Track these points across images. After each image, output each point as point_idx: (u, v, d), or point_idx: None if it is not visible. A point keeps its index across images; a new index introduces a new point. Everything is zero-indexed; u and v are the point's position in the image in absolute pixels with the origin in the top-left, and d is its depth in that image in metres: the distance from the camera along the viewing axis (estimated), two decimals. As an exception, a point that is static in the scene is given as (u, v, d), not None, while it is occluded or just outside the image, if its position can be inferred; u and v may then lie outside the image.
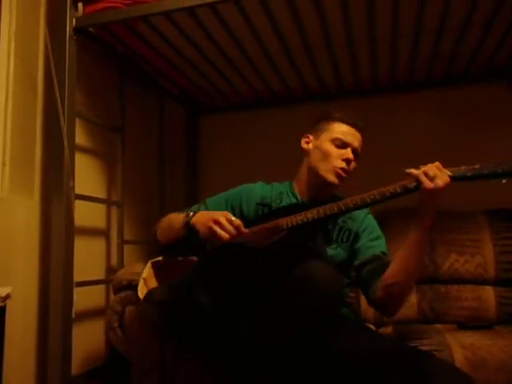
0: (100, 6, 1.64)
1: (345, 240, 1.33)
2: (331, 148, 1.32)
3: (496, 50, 1.99)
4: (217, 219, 1.15)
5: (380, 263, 1.25)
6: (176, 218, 1.30)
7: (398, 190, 1.15)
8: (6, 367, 1.49)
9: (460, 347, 1.34)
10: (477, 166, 1.14)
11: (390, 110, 2.37)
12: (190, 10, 1.62)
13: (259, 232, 1.24)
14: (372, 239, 1.32)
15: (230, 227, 1.14)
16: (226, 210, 1.37)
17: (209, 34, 1.81)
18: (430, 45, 1.94)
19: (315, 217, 1.19)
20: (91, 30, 1.76)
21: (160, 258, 1.42)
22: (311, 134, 1.40)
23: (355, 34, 1.83)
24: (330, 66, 2.14)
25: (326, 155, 1.32)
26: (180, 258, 1.38)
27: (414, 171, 1.13)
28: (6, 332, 1.50)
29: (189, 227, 1.22)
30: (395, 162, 2.34)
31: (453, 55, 2.05)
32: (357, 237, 1.33)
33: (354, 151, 1.33)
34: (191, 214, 1.25)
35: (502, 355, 1.31)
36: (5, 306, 1.50)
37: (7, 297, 1.51)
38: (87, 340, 1.83)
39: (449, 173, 1.13)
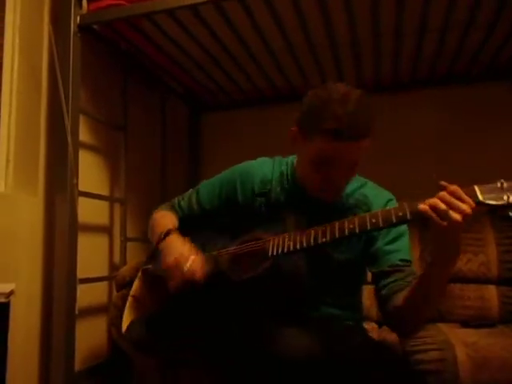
0: (104, 3, 1.65)
1: (355, 240, 1.11)
2: (310, 167, 1.04)
3: (499, 49, 1.99)
4: (177, 263, 1.01)
5: (398, 277, 1.06)
6: (158, 225, 1.19)
7: (408, 217, 0.90)
8: (9, 362, 1.49)
9: (463, 346, 1.34)
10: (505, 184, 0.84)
11: (392, 108, 2.37)
12: (194, 8, 1.62)
13: (242, 255, 1.09)
14: (390, 241, 1.10)
15: (184, 281, 1.00)
16: (219, 200, 1.22)
17: (212, 32, 1.81)
18: (434, 43, 1.93)
19: (304, 245, 0.99)
20: (95, 27, 1.76)
21: (150, 266, 1.32)
22: (298, 128, 1.07)
23: (358, 32, 1.83)
24: (333, 64, 2.13)
25: (306, 170, 1.07)
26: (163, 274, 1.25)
27: (422, 207, 0.87)
28: (9, 328, 1.50)
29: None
30: (398, 161, 2.38)
31: (456, 54, 2.04)
32: (371, 236, 1.10)
33: (351, 164, 1.03)
34: (162, 236, 1.11)
35: (505, 354, 1.31)
36: (9, 302, 1.51)
37: (11, 293, 1.52)
38: (90, 336, 1.84)
39: (478, 195, 0.85)
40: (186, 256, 1.02)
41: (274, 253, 1.02)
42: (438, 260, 0.92)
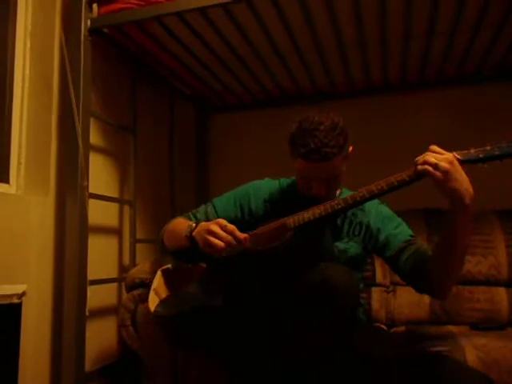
0: (114, 6, 1.66)
1: (356, 233, 1.29)
2: (301, 181, 1.25)
3: (508, 50, 1.98)
4: (210, 229, 1.10)
5: (414, 248, 1.21)
6: (180, 226, 1.26)
7: (406, 179, 1.08)
8: (21, 362, 1.51)
9: (473, 348, 1.33)
10: (488, 147, 1.10)
11: (401, 109, 2.37)
12: (203, 11, 1.63)
13: (265, 233, 1.21)
14: (396, 227, 1.28)
15: (223, 234, 1.08)
16: (235, 209, 1.35)
17: (221, 34, 1.82)
18: (442, 45, 1.93)
19: (323, 213, 1.14)
20: (105, 30, 1.78)
21: (169, 266, 1.41)
22: (289, 149, 1.26)
23: (366, 33, 1.83)
24: (341, 66, 2.14)
25: (299, 184, 1.27)
26: (189, 265, 1.36)
27: (418, 167, 1.06)
28: (21, 328, 1.52)
29: (192, 239, 1.17)
30: (406, 161, 2.36)
31: (464, 55, 2.03)
32: (372, 230, 1.28)
33: (328, 180, 1.21)
34: (194, 225, 1.19)
35: (515, 357, 1.30)
36: (21, 303, 1.52)
37: (23, 294, 1.53)
38: (100, 337, 1.85)
39: (457, 156, 1.07)
40: (221, 222, 1.13)
41: (296, 224, 1.16)
42: (452, 206, 1.06)
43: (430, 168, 1.03)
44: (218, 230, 1.09)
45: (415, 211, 2.00)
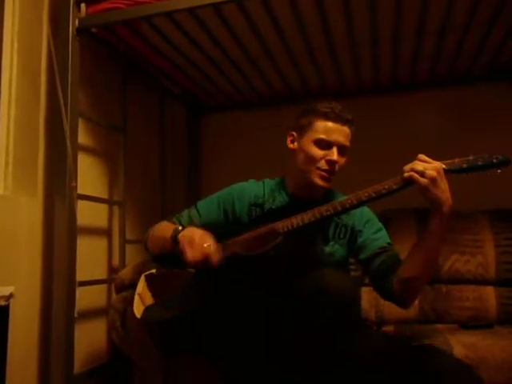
0: (103, 6, 1.65)
1: (342, 236, 1.31)
2: (314, 150, 1.25)
3: (498, 50, 2.00)
4: (192, 238, 1.14)
5: (389, 254, 1.23)
6: (165, 229, 1.26)
7: (394, 187, 1.12)
8: (9, 365, 1.49)
9: (461, 346, 1.34)
10: (471, 158, 1.13)
11: (391, 110, 2.38)
12: (192, 11, 1.63)
13: (254, 238, 1.21)
14: (375, 231, 1.30)
15: (199, 251, 1.12)
16: (218, 212, 1.34)
17: (211, 34, 1.82)
18: (432, 45, 1.94)
19: (312, 219, 1.16)
20: (94, 30, 1.77)
21: (153, 271, 1.39)
22: (295, 131, 1.32)
23: (357, 34, 1.83)
24: (332, 66, 2.14)
25: (309, 157, 1.25)
26: (175, 270, 1.35)
27: (405, 174, 1.10)
28: (9, 330, 1.50)
29: (177, 242, 1.19)
30: (397, 162, 2.37)
31: (455, 55, 2.05)
32: (355, 232, 1.30)
33: (342, 148, 1.25)
34: (180, 228, 1.21)
35: (503, 355, 1.31)
36: (8, 305, 1.51)
37: (10, 296, 1.52)
38: (89, 339, 1.84)
39: (443, 166, 1.10)
40: (206, 237, 1.15)
41: (285, 229, 1.17)
42: (435, 210, 1.10)
43: (417, 175, 1.08)
44: (199, 244, 1.12)
45: (406, 210, 2.01)
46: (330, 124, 1.23)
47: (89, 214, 1.83)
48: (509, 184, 2.14)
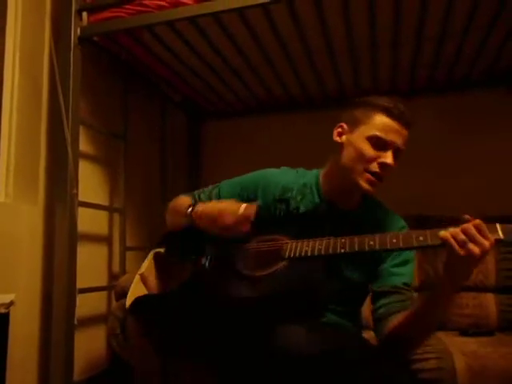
0: (104, 15, 1.67)
1: (366, 257, 1.13)
2: (367, 147, 1.08)
3: (496, 55, 2.01)
4: (226, 210, 1.07)
5: (397, 299, 1.08)
6: (181, 205, 1.22)
7: (429, 243, 0.91)
8: (9, 372, 1.49)
9: (461, 354, 1.34)
10: None
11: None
12: (193, 20, 1.64)
13: (257, 254, 1.11)
14: (398, 264, 1.13)
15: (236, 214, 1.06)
16: (240, 197, 1.22)
17: (211, 42, 1.83)
18: (431, 52, 1.95)
19: (322, 252, 1.01)
20: (95, 38, 1.78)
21: (162, 250, 1.34)
22: (346, 124, 1.15)
23: (356, 41, 1.85)
24: (332, 73, 2.15)
25: (359, 155, 1.09)
26: (177, 260, 1.29)
27: (443, 233, 0.89)
28: (9, 338, 1.50)
29: (191, 220, 1.14)
30: (398, 168, 2.38)
31: (453, 61, 2.06)
32: (381, 256, 1.13)
33: (397, 151, 1.10)
34: (190, 208, 1.16)
35: (503, 363, 1.31)
36: (8, 312, 1.51)
37: (11, 303, 1.52)
38: (89, 346, 1.83)
39: (500, 233, 0.87)
40: (230, 204, 1.09)
41: (291, 255, 1.04)
42: (446, 287, 0.94)
43: (457, 246, 0.87)
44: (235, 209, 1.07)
45: (408, 217, 2.01)
46: (390, 122, 1.08)
47: (89, 221, 1.83)
48: (509, 190, 2.15)
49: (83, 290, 1.67)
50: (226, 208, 1.09)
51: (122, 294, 1.63)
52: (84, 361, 1.78)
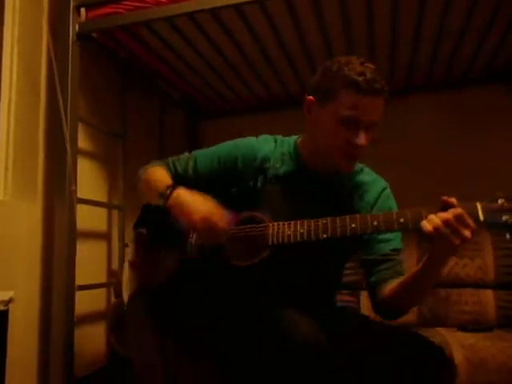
0: (102, 11, 1.66)
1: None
2: (338, 129, 1.03)
3: (494, 53, 2.01)
4: (209, 220, 1.02)
5: (388, 265, 1.10)
6: (157, 181, 1.15)
7: (409, 226, 0.94)
8: (8, 370, 1.49)
9: (460, 347, 1.35)
10: None
11: (388, 113, 2.38)
12: (191, 16, 1.64)
13: (242, 239, 1.09)
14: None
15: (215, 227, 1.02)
16: (218, 168, 1.19)
17: (210, 39, 1.83)
18: (429, 50, 1.96)
19: (305, 237, 1.01)
20: (94, 35, 1.78)
21: (144, 231, 1.27)
22: (314, 97, 1.08)
23: (354, 39, 1.85)
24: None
25: (331, 137, 1.05)
26: (163, 252, 1.23)
27: (426, 227, 0.90)
28: (8, 335, 1.50)
29: (165, 203, 1.07)
30: (394, 166, 2.38)
31: (451, 59, 2.07)
32: None
33: (371, 124, 1.04)
34: (168, 192, 1.08)
35: (502, 356, 1.32)
36: (7, 309, 1.50)
37: (10, 301, 1.52)
38: (89, 343, 1.83)
39: (480, 215, 0.89)
40: (215, 213, 1.03)
41: (275, 242, 1.04)
42: (432, 264, 0.97)
43: (437, 236, 0.89)
44: (214, 232, 1.02)
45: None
46: (360, 98, 1.00)
47: (88, 218, 1.83)
48: (507, 187, 2.15)
49: (82, 287, 1.67)
50: (207, 213, 1.03)
51: (121, 291, 1.63)
52: (84, 357, 1.77)
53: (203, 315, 1.10)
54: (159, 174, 1.19)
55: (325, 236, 0.99)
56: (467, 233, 0.88)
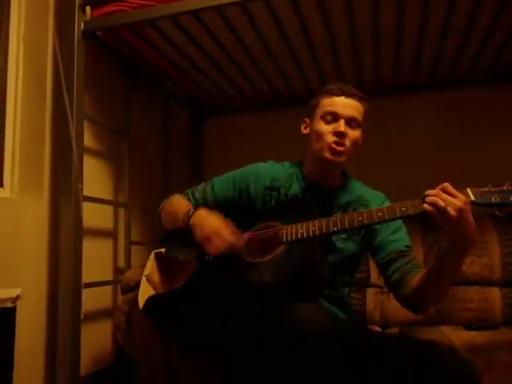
0: (107, 9, 1.66)
1: (356, 231, 1.25)
2: (321, 125, 1.24)
3: (500, 51, 1.99)
4: (217, 231, 1.15)
5: (406, 261, 1.20)
6: (178, 207, 1.30)
7: (411, 212, 1.02)
8: (16, 367, 1.50)
9: (466, 350, 1.34)
10: (505, 188, 0.97)
11: (393, 111, 2.38)
12: (196, 13, 1.64)
13: (257, 241, 1.19)
14: (393, 232, 1.24)
15: (226, 240, 1.14)
16: (234, 192, 1.34)
17: (214, 37, 1.83)
18: (434, 47, 1.94)
19: (317, 232, 1.11)
20: (99, 33, 1.78)
21: (163, 250, 1.40)
22: (307, 117, 1.33)
23: (359, 35, 1.84)
24: (334, 67, 2.14)
25: (318, 134, 1.24)
26: (181, 258, 1.34)
27: (426, 207, 0.98)
28: (16, 332, 1.51)
29: (187, 226, 1.21)
30: (398, 164, 2.38)
31: (456, 57, 2.05)
32: (371, 229, 1.24)
33: (350, 120, 1.23)
34: (191, 212, 1.23)
35: (509, 357, 1.31)
36: (15, 307, 1.52)
37: (17, 298, 1.53)
38: (95, 340, 1.84)
39: (470, 195, 0.98)
40: (225, 228, 1.16)
41: (288, 239, 1.13)
42: (450, 247, 1.02)
43: (437, 212, 0.96)
44: (225, 235, 1.14)
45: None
46: (335, 98, 1.24)
47: (94, 215, 1.84)
48: None
49: (89, 285, 1.68)
50: (220, 229, 1.16)
51: (128, 289, 1.64)
52: (90, 355, 1.79)
53: (213, 316, 1.13)
54: (181, 203, 1.34)
55: (335, 229, 1.09)
56: (457, 201, 0.95)
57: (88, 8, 1.69)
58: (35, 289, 1.63)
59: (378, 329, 1.77)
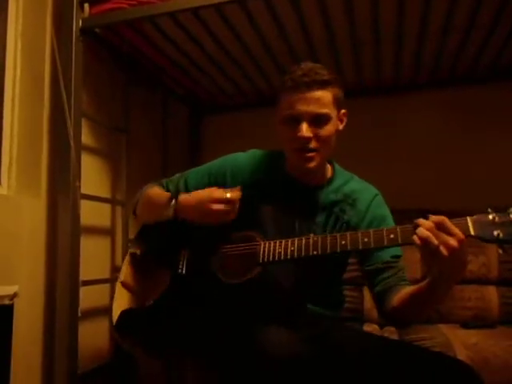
0: (106, 6, 1.65)
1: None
2: (283, 131, 1.10)
3: (501, 50, 1.99)
4: (211, 199, 1.04)
5: (391, 273, 1.09)
6: (157, 197, 1.19)
7: (399, 242, 0.92)
8: (13, 364, 1.50)
9: (463, 348, 1.35)
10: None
11: (393, 110, 2.38)
12: (195, 11, 1.63)
13: (233, 257, 1.10)
14: None
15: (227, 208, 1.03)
16: (209, 185, 1.17)
17: (213, 35, 1.82)
18: (434, 46, 1.94)
19: (295, 255, 1.00)
20: (97, 30, 1.77)
21: (138, 251, 1.29)
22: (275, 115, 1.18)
23: (359, 34, 1.84)
24: (334, 66, 2.14)
25: (282, 140, 1.12)
26: (154, 265, 1.24)
27: (415, 239, 0.86)
28: (13, 329, 1.51)
29: (173, 212, 1.10)
30: (398, 164, 2.38)
31: (457, 56, 2.05)
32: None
33: (314, 119, 1.06)
34: (173, 201, 1.11)
35: (505, 355, 1.32)
36: (12, 304, 1.52)
37: (14, 295, 1.53)
38: (93, 338, 1.84)
39: (470, 229, 0.85)
40: (215, 190, 1.05)
41: (265, 260, 1.03)
42: (434, 280, 0.92)
43: (427, 250, 0.85)
44: (217, 195, 1.04)
45: (409, 211, 2.01)
46: (291, 95, 1.05)
47: (92, 213, 1.83)
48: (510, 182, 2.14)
49: (86, 282, 1.68)
50: (210, 195, 1.05)
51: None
52: (87, 353, 1.78)
53: (189, 332, 1.08)
54: (157, 192, 1.22)
55: (315, 253, 0.99)
56: (452, 241, 0.83)
57: (86, 5, 1.69)
58: (33, 286, 1.63)
59: (376, 327, 1.77)
